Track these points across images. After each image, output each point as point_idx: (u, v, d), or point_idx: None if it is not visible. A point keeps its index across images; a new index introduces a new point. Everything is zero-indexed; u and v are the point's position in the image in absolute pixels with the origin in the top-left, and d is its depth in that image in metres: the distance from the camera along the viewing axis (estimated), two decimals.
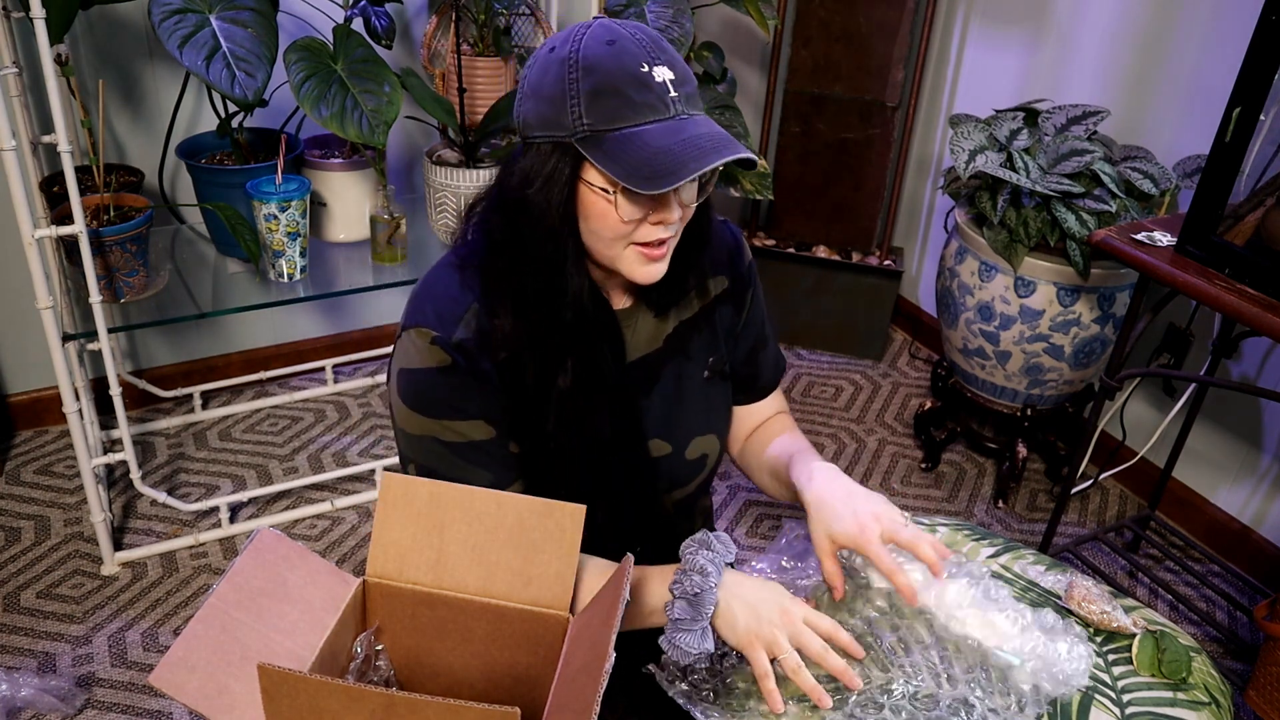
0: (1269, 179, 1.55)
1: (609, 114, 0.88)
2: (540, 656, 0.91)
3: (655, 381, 1.10)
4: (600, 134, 0.88)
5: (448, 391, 0.98)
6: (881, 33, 2.48)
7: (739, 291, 1.16)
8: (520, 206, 0.94)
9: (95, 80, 1.93)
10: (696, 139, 0.88)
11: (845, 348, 2.84)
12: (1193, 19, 2.01)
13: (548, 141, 0.91)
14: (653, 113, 0.88)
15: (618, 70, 0.87)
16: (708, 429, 1.15)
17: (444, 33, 2.03)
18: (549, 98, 0.89)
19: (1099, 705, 0.97)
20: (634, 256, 0.96)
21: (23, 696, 1.61)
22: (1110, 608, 1.06)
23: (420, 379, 0.98)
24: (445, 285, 1.01)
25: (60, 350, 1.69)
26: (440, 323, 0.97)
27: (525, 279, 0.96)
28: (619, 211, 0.91)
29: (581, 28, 0.91)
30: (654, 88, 0.88)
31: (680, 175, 0.86)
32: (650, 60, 0.88)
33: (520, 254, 0.96)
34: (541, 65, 0.91)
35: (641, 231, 0.94)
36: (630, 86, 0.87)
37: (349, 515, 2.11)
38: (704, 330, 1.13)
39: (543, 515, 0.89)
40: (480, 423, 1.00)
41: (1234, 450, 2.10)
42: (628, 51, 0.88)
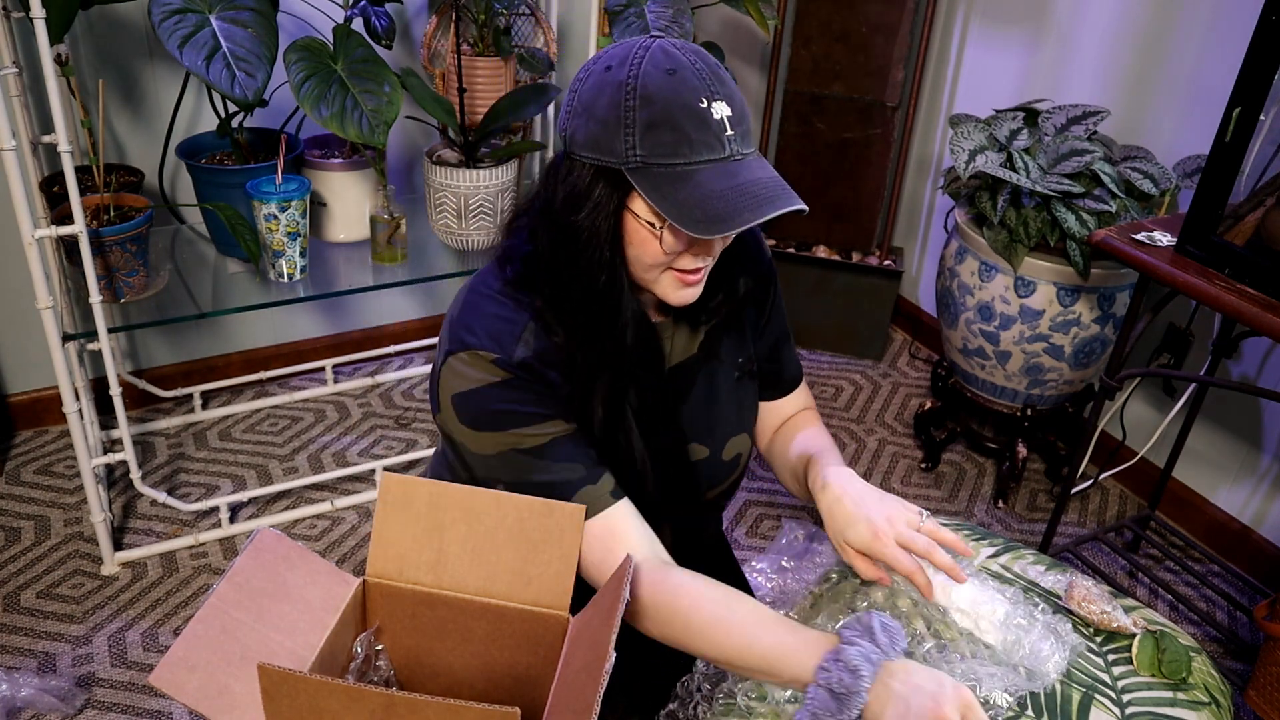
0: (1269, 179, 1.55)
1: (664, 149, 0.86)
2: (540, 656, 0.91)
3: (691, 386, 1.11)
4: (652, 167, 0.87)
5: (515, 401, 0.96)
6: (881, 33, 2.48)
7: (761, 290, 1.17)
8: (570, 231, 0.92)
9: (95, 80, 1.94)
10: (752, 185, 0.87)
11: (845, 348, 2.84)
12: (1193, 19, 2.01)
13: (595, 164, 0.89)
14: (709, 151, 0.87)
15: (676, 103, 0.86)
16: (740, 429, 1.16)
17: (444, 33, 2.03)
18: (602, 120, 0.87)
19: (1099, 705, 0.97)
20: (670, 281, 0.96)
21: (23, 696, 1.61)
22: (1110, 608, 1.06)
23: (482, 396, 0.95)
24: (492, 308, 0.98)
25: (60, 350, 1.69)
26: (498, 344, 0.95)
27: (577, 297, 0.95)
28: (663, 245, 0.91)
29: (640, 48, 0.88)
30: (711, 125, 0.86)
31: (733, 224, 0.85)
32: (710, 95, 0.87)
33: (573, 273, 0.95)
34: (596, 84, 0.89)
35: (681, 261, 0.94)
36: (688, 122, 0.86)
37: (349, 515, 2.11)
38: (732, 332, 1.14)
39: (543, 515, 0.89)
40: (557, 420, 0.98)
41: (1234, 450, 2.10)
42: (687, 84, 0.86)
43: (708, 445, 1.13)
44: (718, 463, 1.14)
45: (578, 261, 0.93)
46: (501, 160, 1.91)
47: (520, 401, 0.96)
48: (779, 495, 2.25)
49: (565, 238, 0.93)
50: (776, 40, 2.62)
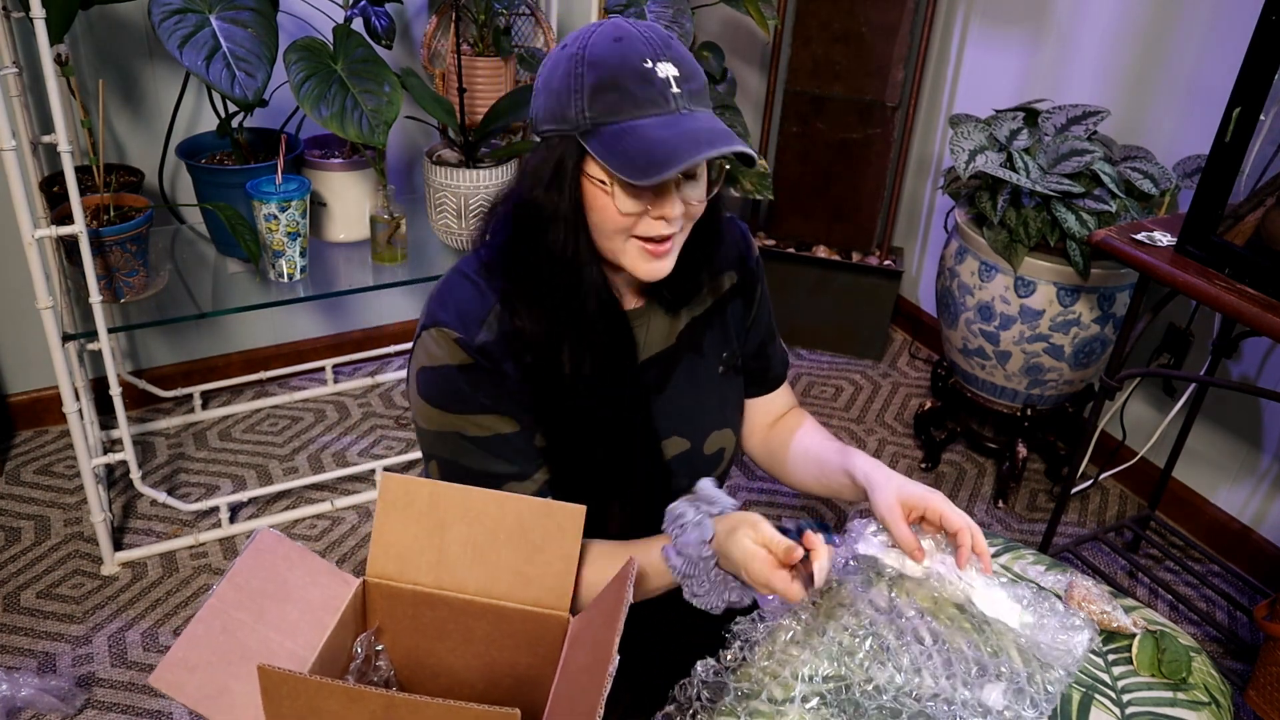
0: (1269, 179, 1.55)
1: (609, 107, 0.89)
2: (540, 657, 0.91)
3: (669, 378, 1.11)
4: (600, 126, 0.89)
5: (470, 387, 0.98)
6: (881, 33, 2.48)
7: (748, 286, 1.17)
8: (535, 206, 0.95)
9: (95, 80, 1.93)
10: (694, 132, 0.89)
11: (845, 348, 2.84)
12: (1193, 19, 2.01)
13: (555, 135, 0.92)
14: (653, 106, 0.89)
15: (620, 65, 0.89)
16: (724, 423, 1.16)
17: (444, 33, 2.03)
18: (556, 92, 0.91)
19: (1099, 705, 0.97)
20: (636, 251, 0.96)
21: (23, 696, 1.61)
22: (1110, 608, 1.06)
23: (442, 375, 0.99)
24: (466, 287, 1.01)
25: (60, 350, 1.69)
26: (463, 324, 0.98)
27: (544, 274, 0.97)
28: (617, 204, 0.92)
29: (594, 26, 0.92)
30: (655, 83, 0.89)
31: (671, 166, 0.86)
32: (655, 56, 0.89)
33: (538, 251, 0.97)
34: (553, 61, 0.93)
35: (642, 226, 0.94)
36: (631, 80, 0.88)
37: (349, 515, 2.11)
38: (716, 325, 1.14)
39: (543, 515, 0.89)
40: (505, 417, 1.00)
41: (1234, 450, 2.10)
42: (633, 48, 0.89)
43: (688, 438, 1.13)
44: (699, 456, 1.14)
45: (544, 236, 0.96)
46: (501, 160, 1.91)
47: (475, 389, 0.98)
48: (779, 495, 2.25)
49: (531, 214, 0.96)
50: (776, 40, 2.62)
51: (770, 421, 1.27)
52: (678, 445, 1.12)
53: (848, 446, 1.13)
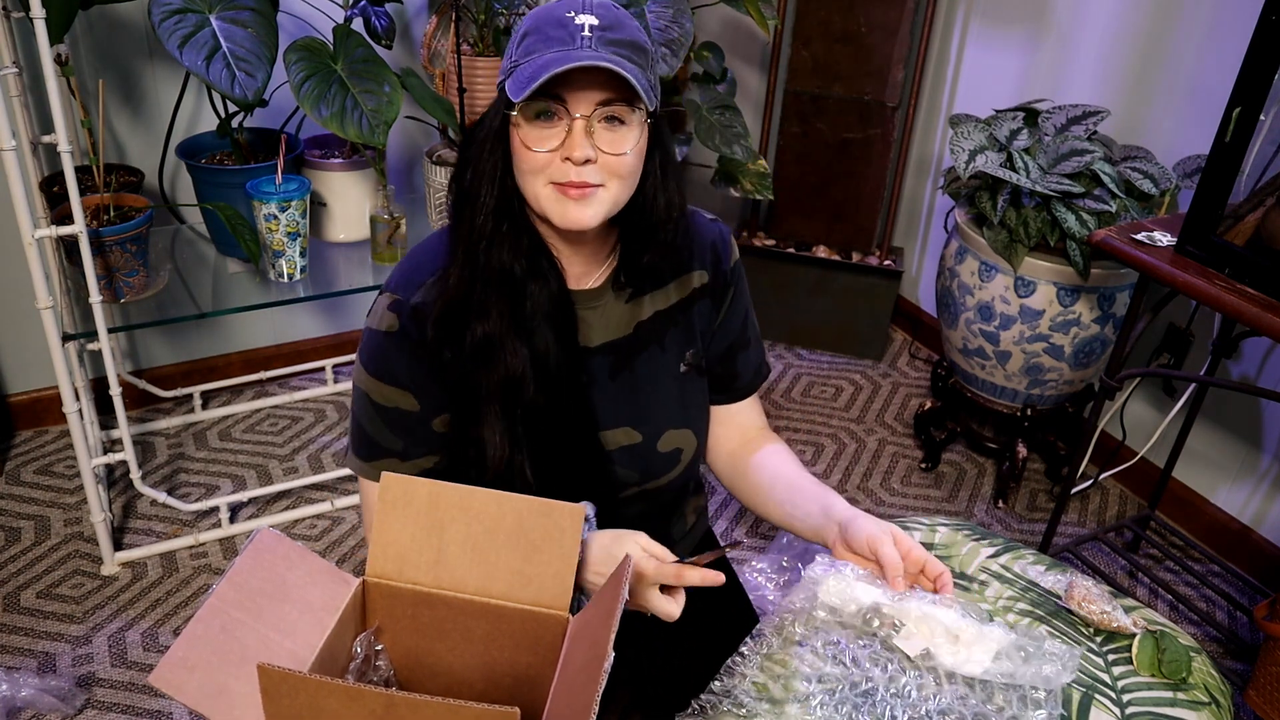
0: (1269, 179, 1.55)
1: (526, 50, 0.94)
2: (540, 656, 0.91)
3: (623, 368, 1.10)
4: (517, 67, 0.94)
5: (384, 356, 1.03)
6: (881, 33, 2.48)
7: (719, 289, 1.15)
8: (476, 157, 1.00)
9: (95, 80, 1.94)
10: (580, 57, 0.91)
11: (845, 348, 2.84)
12: (1193, 19, 2.01)
13: (499, 89, 0.97)
14: (561, 45, 0.93)
15: (545, 15, 0.94)
16: (683, 423, 1.14)
17: (444, 33, 2.03)
18: (506, 50, 0.98)
19: (1099, 705, 0.97)
20: (551, 194, 0.97)
21: (23, 696, 1.61)
22: (1110, 608, 1.06)
23: (370, 339, 1.04)
24: (426, 249, 1.07)
25: (60, 350, 1.69)
26: (405, 286, 1.03)
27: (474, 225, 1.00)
28: (523, 137, 0.95)
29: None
30: (569, 26, 0.93)
31: (540, 74, 0.90)
32: (579, 9, 0.93)
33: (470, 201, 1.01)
34: None
35: (554, 169, 0.96)
36: (549, 26, 0.93)
37: (349, 515, 2.11)
38: (680, 322, 1.13)
39: (542, 515, 0.89)
40: (406, 394, 1.04)
41: (1234, 450, 2.10)
42: (565, 3, 0.94)
43: (639, 431, 1.11)
44: (651, 452, 1.12)
45: (476, 182, 1.00)
46: None
47: (388, 358, 1.03)
48: None
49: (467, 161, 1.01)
50: (776, 40, 2.62)
51: (738, 437, 1.23)
52: (628, 436, 1.11)
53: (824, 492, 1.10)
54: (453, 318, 1.01)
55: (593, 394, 1.09)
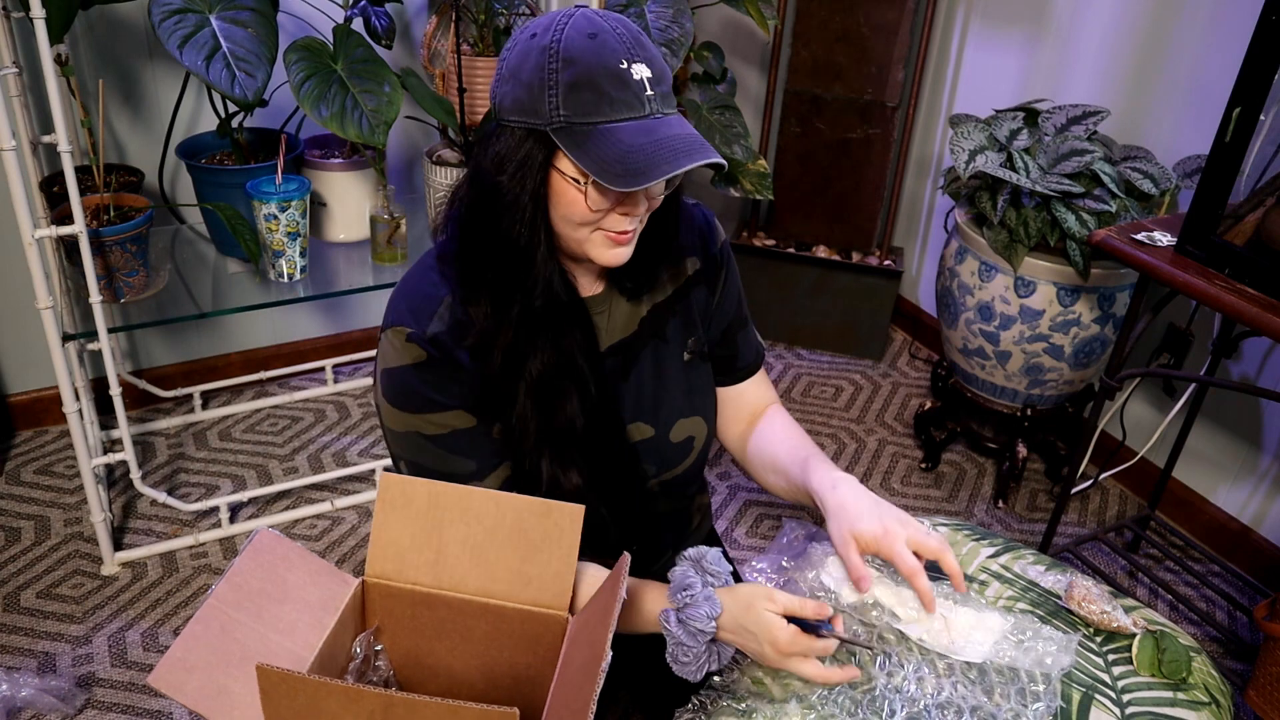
0: (1269, 179, 1.55)
1: (585, 107, 0.89)
2: (540, 656, 0.91)
3: (632, 366, 1.11)
4: (575, 125, 0.90)
5: (424, 385, 1.00)
6: (881, 33, 2.48)
7: (711, 272, 1.17)
8: (494, 192, 0.95)
9: (95, 80, 1.93)
10: (670, 140, 0.90)
11: (845, 348, 2.84)
12: (1193, 19, 2.00)
13: (522, 127, 0.92)
14: (628, 109, 0.90)
15: (597, 65, 0.89)
16: (692, 411, 1.16)
17: (444, 33, 2.03)
18: (527, 84, 0.90)
19: (1099, 705, 0.97)
20: (600, 240, 0.97)
21: (23, 696, 1.61)
22: (1110, 608, 1.06)
23: (398, 376, 1.00)
24: (420, 281, 1.03)
25: (60, 350, 1.69)
26: (415, 318, 0.99)
27: (499, 266, 0.98)
28: (588, 201, 0.93)
29: (563, 16, 0.92)
30: (631, 85, 0.89)
31: (650, 176, 0.87)
32: (630, 57, 0.90)
33: (494, 240, 0.97)
34: (522, 50, 0.92)
35: (609, 220, 0.96)
36: (608, 82, 0.89)
37: (349, 515, 2.11)
38: (679, 312, 1.14)
39: (542, 515, 0.89)
40: (460, 411, 1.01)
41: (1234, 450, 2.10)
42: (608, 46, 0.89)
43: (652, 425, 1.13)
44: (665, 444, 1.14)
45: (499, 219, 0.96)
46: None
47: (429, 386, 0.99)
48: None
49: (488, 197, 0.96)
50: (776, 40, 2.62)
51: (747, 416, 1.25)
52: (641, 432, 1.12)
53: (812, 455, 1.12)
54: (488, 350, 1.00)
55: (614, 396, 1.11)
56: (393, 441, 1.04)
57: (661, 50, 1.84)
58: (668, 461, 1.15)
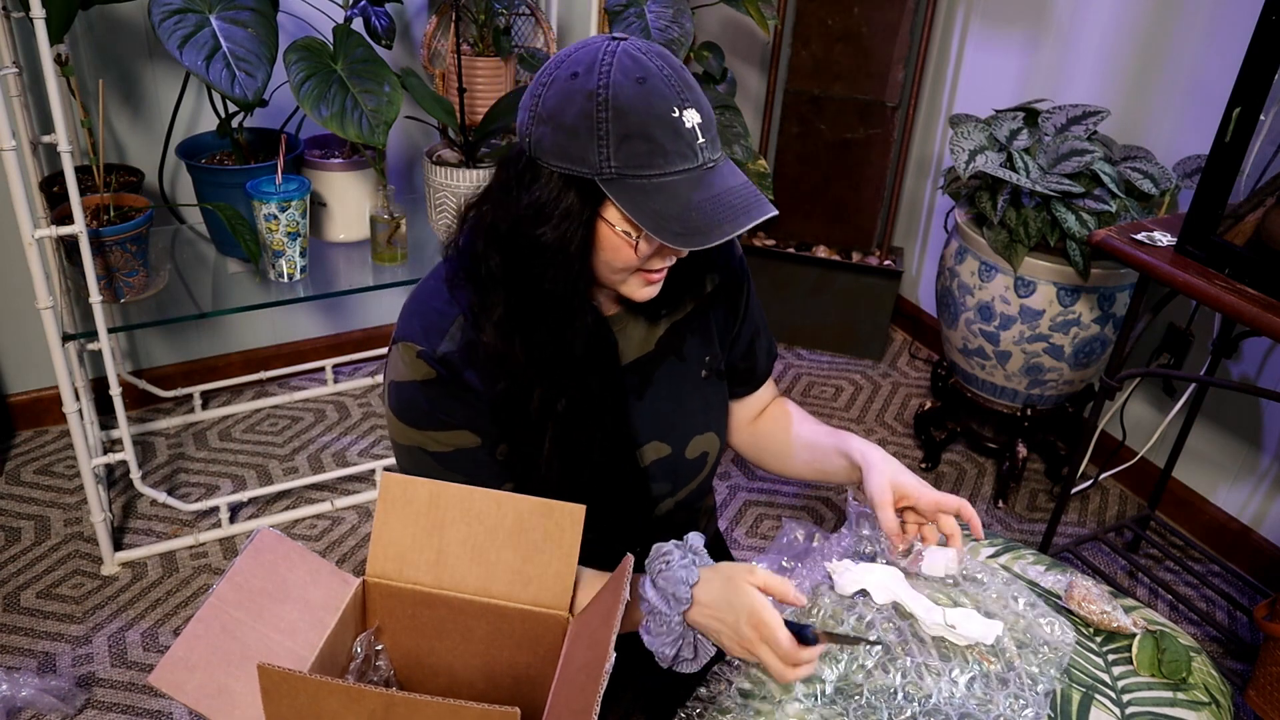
0: (1269, 179, 1.55)
1: (639, 159, 0.86)
2: (540, 656, 0.91)
3: (649, 384, 1.10)
4: (626, 178, 0.87)
5: (430, 404, 0.99)
6: (881, 33, 2.48)
7: (733, 288, 1.16)
8: (534, 245, 0.92)
9: (95, 80, 1.93)
10: (727, 194, 0.89)
11: (845, 348, 2.84)
12: (1193, 19, 2.01)
13: (565, 173, 0.89)
14: (683, 161, 0.87)
15: (649, 114, 0.86)
16: (706, 428, 1.15)
17: (444, 33, 2.03)
18: (572, 130, 0.87)
19: (1099, 705, 0.97)
20: (638, 281, 0.97)
21: (23, 696, 1.61)
22: (1110, 608, 1.06)
23: (405, 392, 0.99)
24: (432, 297, 1.01)
25: (60, 350, 1.69)
26: (425, 336, 0.98)
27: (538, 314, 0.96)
28: (637, 252, 0.92)
29: (604, 54, 0.87)
30: (684, 135, 0.87)
31: (712, 236, 0.86)
32: (680, 103, 0.87)
33: (530, 288, 0.95)
34: (562, 92, 0.87)
35: (651, 263, 0.95)
36: (661, 132, 0.86)
37: (349, 515, 2.11)
38: (698, 330, 1.13)
39: (543, 515, 0.89)
40: (465, 432, 1.00)
41: (1234, 450, 2.10)
42: (659, 92, 0.86)
43: (668, 443, 1.12)
44: (680, 461, 1.14)
45: (543, 273, 0.93)
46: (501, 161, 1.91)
47: (435, 404, 0.99)
48: (779, 495, 2.25)
49: (529, 250, 0.93)
50: (776, 40, 2.62)
51: (755, 414, 1.27)
52: (657, 450, 1.12)
53: (838, 429, 1.16)
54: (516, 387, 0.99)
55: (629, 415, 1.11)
56: (397, 454, 1.05)
57: None
58: (682, 478, 1.16)
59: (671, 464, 1.13)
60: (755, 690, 0.98)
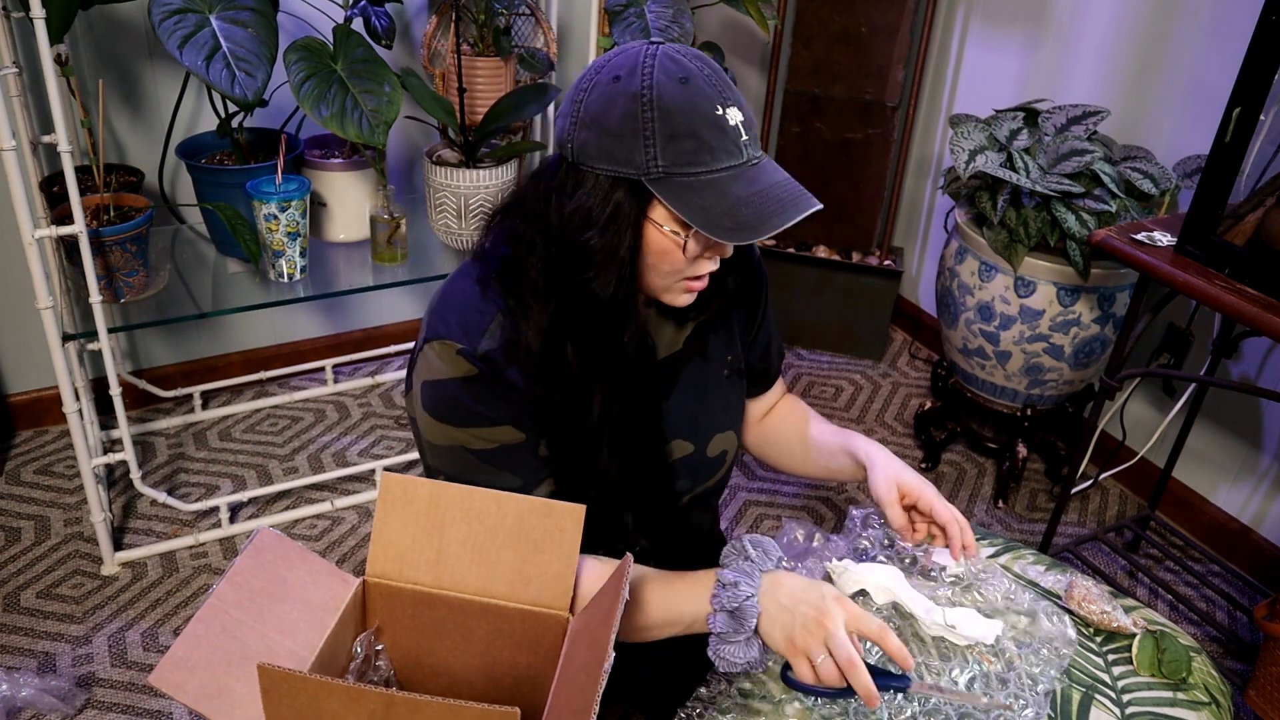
0: (1269, 179, 1.55)
1: (686, 157, 0.87)
2: (540, 656, 0.91)
3: (675, 384, 1.11)
4: (674, 176, 0.87)
5: (474, 400, 0.97)
6: (881, 33, 2.48)
7: (753, 288, 1.17)
8: (582, 252, 0.92)
9: (95, 80, 1.93)
10: (774, 189, 0.89)
11: (845, 348, 2.84)
12: (1193, 19, 2.01)
13: (611, 176, 0.89)
14: (729, 158, 0.88)
15: (695, 113, 0.87)
16: (726, 426, 1.17)
17: (444, 33, 2.03)
18: (617, 133, 0.87)
19: (1099, 705, 0.97)
20: (680, 287, 0.98)
21: (23, 696, 1.61)
22: (1110, 608, 1.06)
23: (445, 389, 0.97)
24: (466, 296, 0.99)
25: (60, 350, 1.69)
26: (465, 334, 0.96)
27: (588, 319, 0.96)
28: (685, 252, 0.92)
29: (645, 57, 0.88)
30: (729, 132, 0.88)
31: (762, 230, 0.87)
32: (723, 102, 0.88)
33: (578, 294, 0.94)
34: (605, 95, 0.88)
35: (695, 266, 0.95)
36: (707, 130, 0.87)
37: (349, 515, 2.11)
38: (720, 330, 1.14)
39: (543, 515, 0.89)
40: (509, 427, 0.99)
41: (1234, 450, 2.10)
42: (701, 92, 0.87)
43: (692, 441, 1.13)
44: (702, 459, 1.15)
45: (592, 279, 0.93)
46: (501, 160, 1.91)
47: (478, 401, 0.97)
48: (779, 495, 2.25)
49: (576, 257, 0.92)
50: (776, 40, 2.62)
51: (764, 412, 1.29)
52: (681, 449, 1.13)
53: (845, 429, 1.19)
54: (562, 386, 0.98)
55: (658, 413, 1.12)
56: (433, 455, 1.02)
57: None
58: (702, 475, 1.16)
59: (694, 462, 1.14)
60: (755, 690, 0.98)
